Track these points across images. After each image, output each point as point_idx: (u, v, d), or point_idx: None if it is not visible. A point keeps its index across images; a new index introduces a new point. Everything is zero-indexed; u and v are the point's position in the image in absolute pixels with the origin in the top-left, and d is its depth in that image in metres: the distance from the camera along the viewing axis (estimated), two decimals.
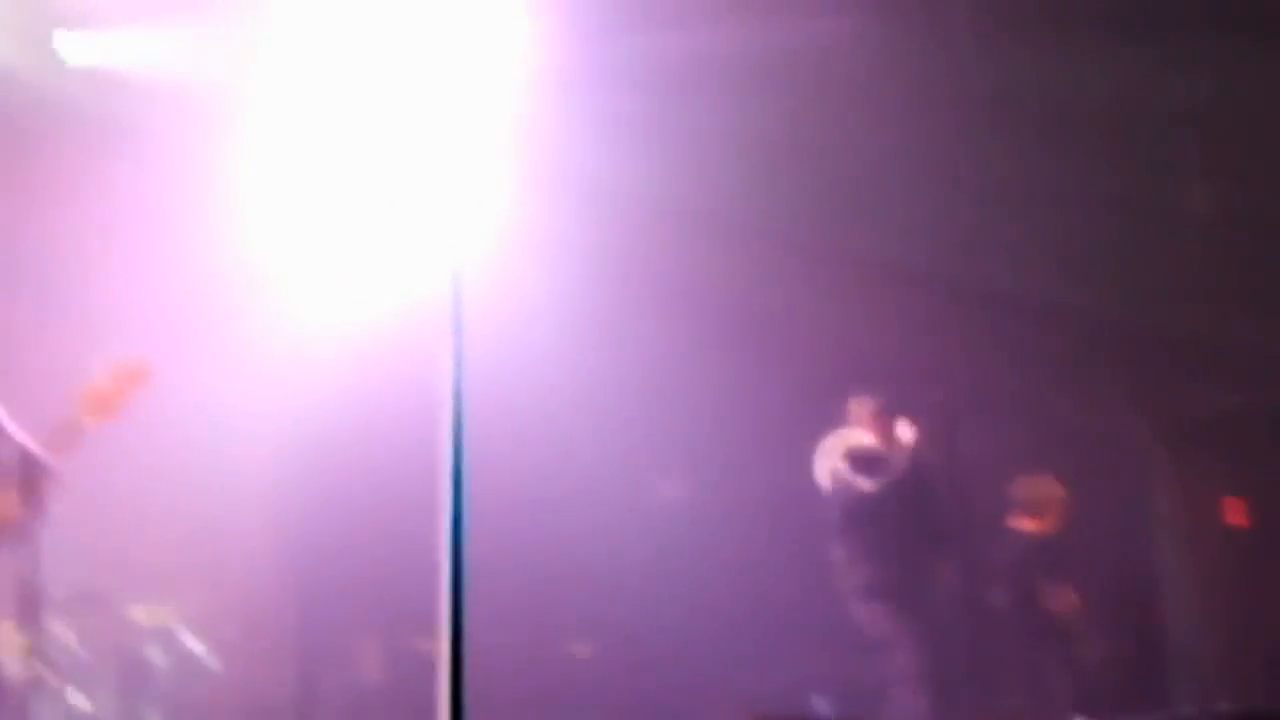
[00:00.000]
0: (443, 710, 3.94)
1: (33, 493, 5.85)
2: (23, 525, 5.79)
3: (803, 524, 9.86)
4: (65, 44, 9.68)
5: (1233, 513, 10.65)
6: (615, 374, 10.58)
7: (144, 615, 9.61)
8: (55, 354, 8.03)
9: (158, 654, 9.54)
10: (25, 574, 5.71)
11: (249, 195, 10.20)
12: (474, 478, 4.32)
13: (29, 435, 5.94)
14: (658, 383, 10.76)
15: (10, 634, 7.80)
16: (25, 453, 5.88)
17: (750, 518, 10.91)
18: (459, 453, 4.32)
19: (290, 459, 10.70)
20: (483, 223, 7.57)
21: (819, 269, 10.67)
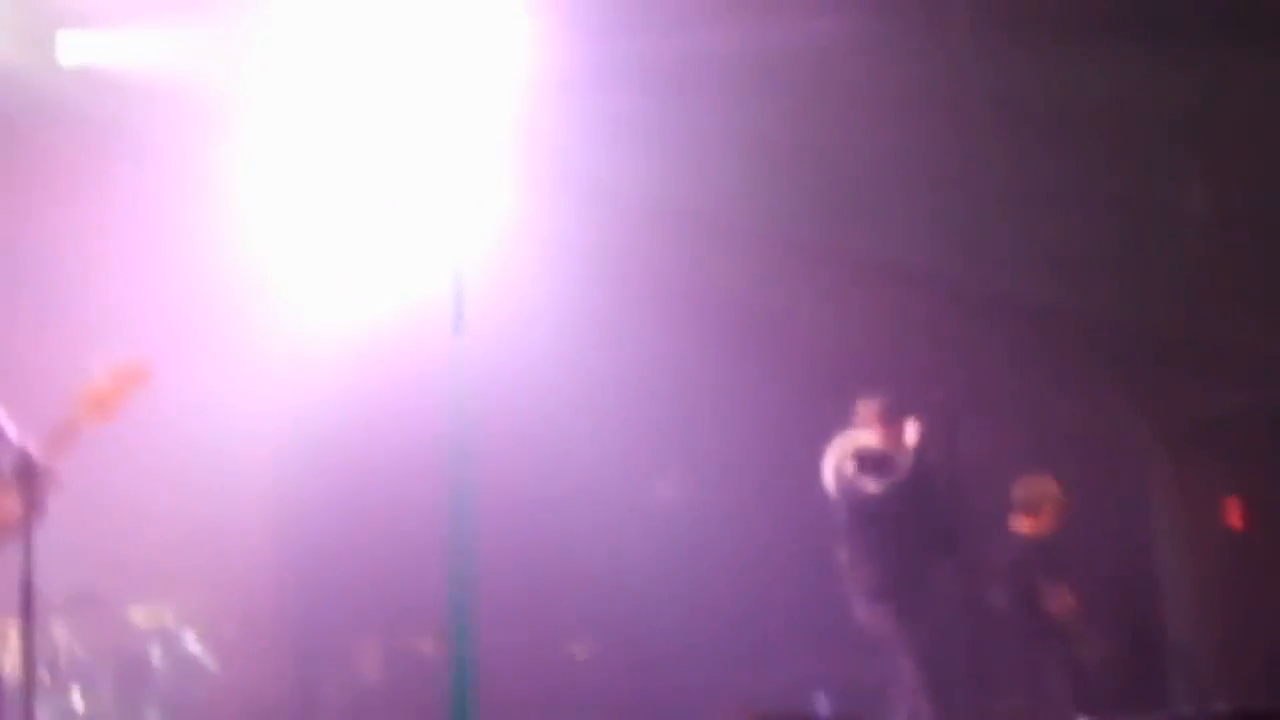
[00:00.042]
0: (443, 710, 3.95)
1: (32, 493, 5.84)
2: (22, 525, 5.78)
3: (802, 524, 9.85)
4: (65, 44, 9.69)
5: (1232, 513, 10.64)
6: (615, 374, 10.57)
7: (143, 616, 9.62)
8: (55, 354, 8.01)
9: (157, 654, 9.55)
10: (25, 574, 5.70)
11: (249, 195, 10.20)
12: (474, 478, 4.33)
13: (29, 435, 5.93)
14: (657, 383, 10.75)
15: (10, 634, 7.83)
16: (25, 453, 5.87)
17: (749, 518, 10.91)
18: (459, 453, 4.32)
19: (290, 459, 10.70)
20: (483, 223, 7.62)
21: (819, 269, 10.67)
